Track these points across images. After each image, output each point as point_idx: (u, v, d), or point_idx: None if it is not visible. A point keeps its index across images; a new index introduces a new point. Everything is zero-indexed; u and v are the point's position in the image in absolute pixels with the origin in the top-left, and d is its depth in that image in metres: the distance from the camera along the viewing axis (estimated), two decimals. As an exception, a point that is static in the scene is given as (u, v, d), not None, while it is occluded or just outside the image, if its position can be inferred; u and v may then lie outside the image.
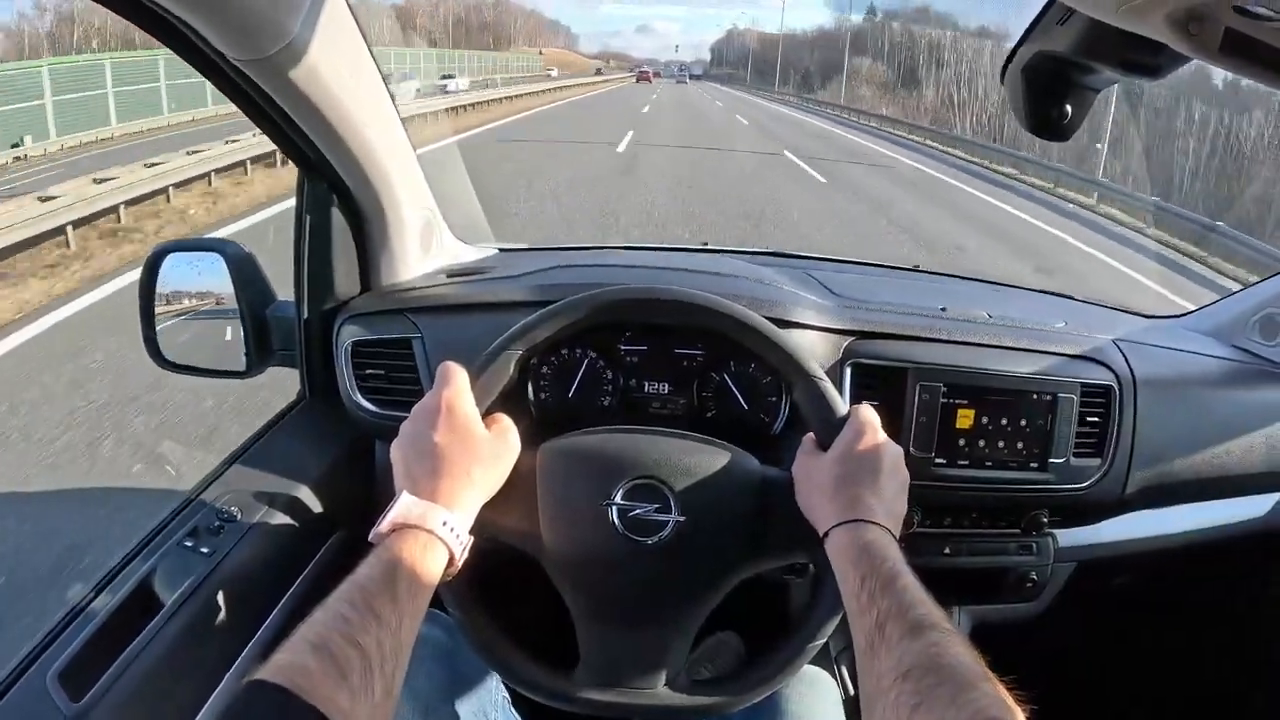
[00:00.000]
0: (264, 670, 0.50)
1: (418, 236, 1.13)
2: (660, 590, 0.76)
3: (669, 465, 0.75)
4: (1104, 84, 0.68)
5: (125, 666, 0.75)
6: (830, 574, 0.75)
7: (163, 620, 0.79)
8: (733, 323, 0.80)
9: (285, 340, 1.10)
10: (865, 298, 1.10)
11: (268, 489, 0.98)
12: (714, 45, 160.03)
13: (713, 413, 1.00)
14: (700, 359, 1.00)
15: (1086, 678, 1.40)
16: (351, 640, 0.53)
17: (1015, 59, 0.68)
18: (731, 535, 0.75)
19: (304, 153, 0.94)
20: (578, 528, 0.75)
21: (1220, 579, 1.31)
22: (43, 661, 0.74)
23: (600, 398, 1.01)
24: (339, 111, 0.86)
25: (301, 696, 0.48)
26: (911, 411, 0.98)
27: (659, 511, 0.74)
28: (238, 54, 0.75)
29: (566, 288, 0.96)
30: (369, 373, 1.03)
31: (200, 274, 1.10)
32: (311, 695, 0.48)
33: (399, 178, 1.03)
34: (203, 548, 0.88)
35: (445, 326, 1.03)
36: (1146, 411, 1.04)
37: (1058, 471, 1.01)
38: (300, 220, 1.04)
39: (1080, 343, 1.06)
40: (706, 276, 1.09)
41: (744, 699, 0.77)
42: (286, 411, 1.13)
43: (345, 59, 0.84)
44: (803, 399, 0.79)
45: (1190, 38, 0.42)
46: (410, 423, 0.71)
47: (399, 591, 0.59)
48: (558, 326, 0.79)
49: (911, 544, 1.04)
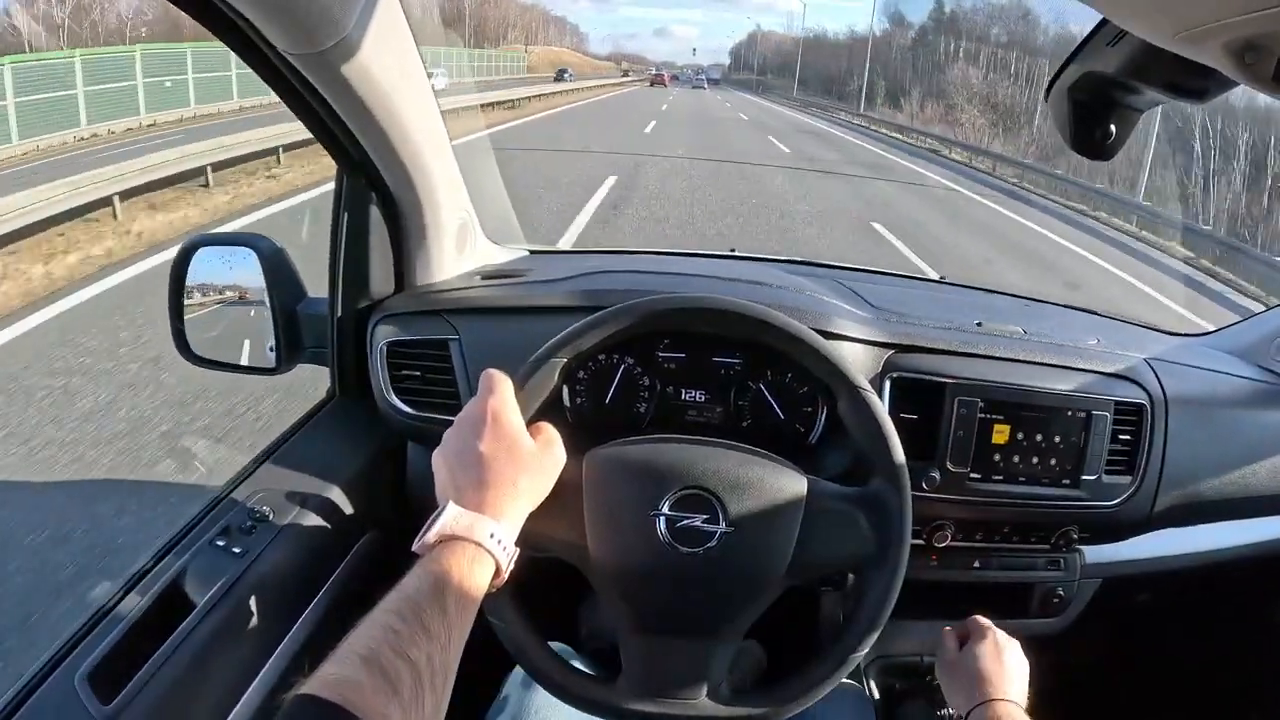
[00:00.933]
0: (313, 683, 0.49)
1: (454, 237, 1.12)
2: (705, 600, 0.75)
3: (717, 476, 0.75)
4: (1148, 105, 0.68)
5: (156, 668, 0.74)
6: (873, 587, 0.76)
7: (194, 621, 0.78)
8: (783, 334, 0.80)
9: (315, 338, 1.09)
10: (902, 310, 1.10)
11: (299, 489, 0.97)
12: (734, 48, 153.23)
13: (748, 422, 1.00)
14: (738, 368, 0.99)
15: (1110, 694, 1.40)
16: (401, 654, 0.52)
17: (1062, 78, 0.68)
18: (777, 547, 0.75)
19: (346, 150, 0.94)
20: (624, 537, 0.74)
21: (1245, 598, 1.31)
22: (70, 662, 0.73)
23: (637, 405, 1.00)
24: (387, 109, 0.86)
25: (352, 711, 0.47)
26: (949, 426, 0.98)
27: (707, 522, 0.73)
28: (292, 48, 0.74)
29: (604, 294, 0.96)
30: (404, 373, 1.03)
31: (232, 268, 1.09)
32: (362, 710, 0.47)
33: (440, 179, 1.02)
34: (235, 547, 0.87)
35: (483, 329, 1.02)
36: (1176, 430, 1.04)
37: (1089, 488, 1.01)
38: (338, 217, 1.03)
39: (1113, 360, 1.06)
40: (748, 286, 1.09)
41: (785, 709, 0.77)
42: (316, 410, 1.12)
43: (395, 57, 0.84)
44: (848, 412, 0.79)
45: (1245, 67, 0.42)
46: (455, 432, 0.70)
47: (448, 605, 0.58)
48: (604, 335, 0.79)
49: (943, 558, 1.06)
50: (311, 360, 1.11)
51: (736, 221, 8.77)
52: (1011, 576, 1.10)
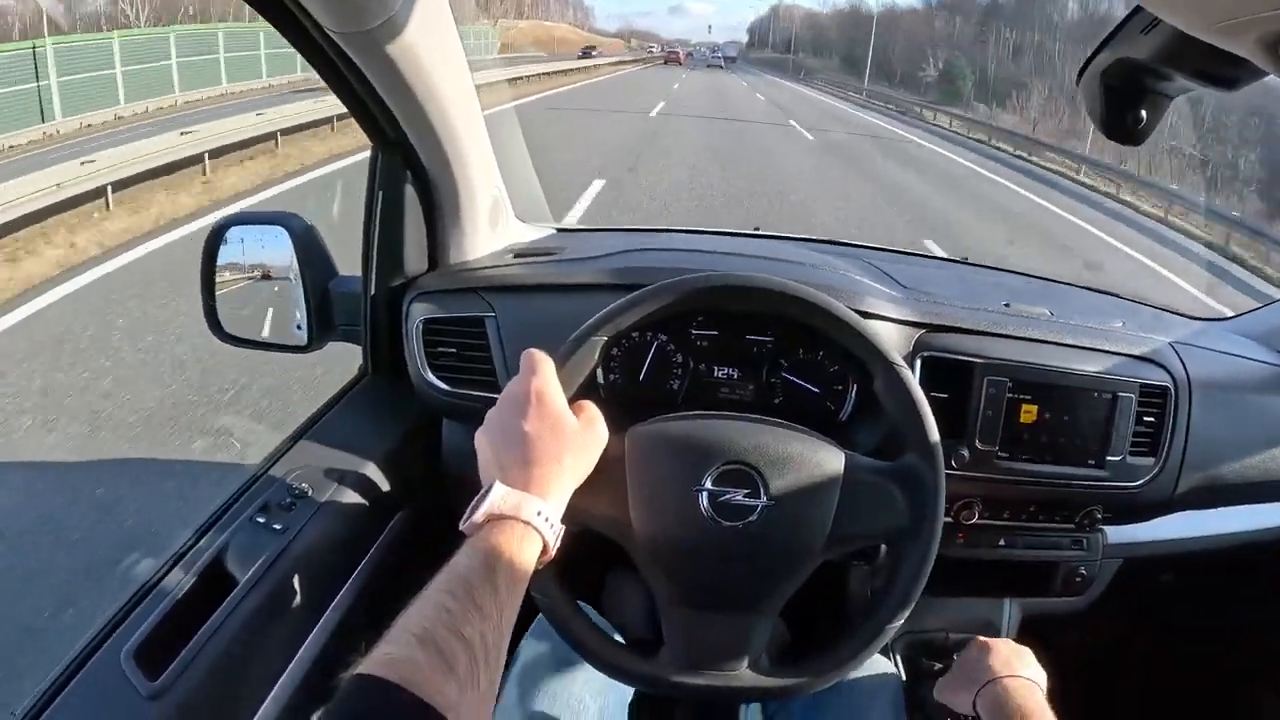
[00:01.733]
0: (370, 663, 0.49)
1: (487, 215, 1.12)
2: (745, 574, 0.77)
3: (758, 451, 0.76)
4: (1179, 91, 0.68)
5: (201, 644, 0.74)
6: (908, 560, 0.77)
7: (238, 597, 0.79)
8: (824, 313, 0.81)
9: (347, 315, 1.10)
10: (931, 290, 1.10)
11: (335, 465, 0.98)
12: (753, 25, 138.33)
13: (780, 399, 1.01)
14: (770, 345, 1.00)
15: (1130, 672, 1.42)
16: (456, 632, 0.53)
17: (1094, 64, 0.69)
18: (818, 520, 0.76)
19: (383, 128, 0.94)
20: (667, 512, 0.75)
21: (1265, 582, 1.32)
22: (116, 639, 0.74)
23: (670, 382, 1.01)
24: (427, 88, 0.86)
25: (410, 690, 0.48)
26: (978, 405, 0.99)
27: (748, 496, 0.75)
28: (339, 26, 0.74)
29: (640, 271, 0.97)
30: (439, 350, 1.03)
31: (264, 247, 1.10)
32: (420, 688, 0.48)
33: (474, 156, 1.02)
34: (275, 524, 0.88)
35: (519, 307, 1.02)
36: (1199, 413, 1.05)
37: (1114, 469, 1.02)
38: (372, 195, 1.03)
39: (1139, 343, 1.07)
40: (782, 264, 1.09)
41: (821, 680, 0.78)
42: (349, 388, 1.13)
43: (438, 37, 0.84)
44: (884, 388, 0.80)
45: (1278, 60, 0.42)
46: (498, 411, 0.71)
47: (498, 583, 0.59)
48: (644, 313, 0.80)
49: (970, 536, 1.07)
50: (344, 338, 1.12)
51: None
52: (1036, 555, 1.11)
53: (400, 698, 0.47)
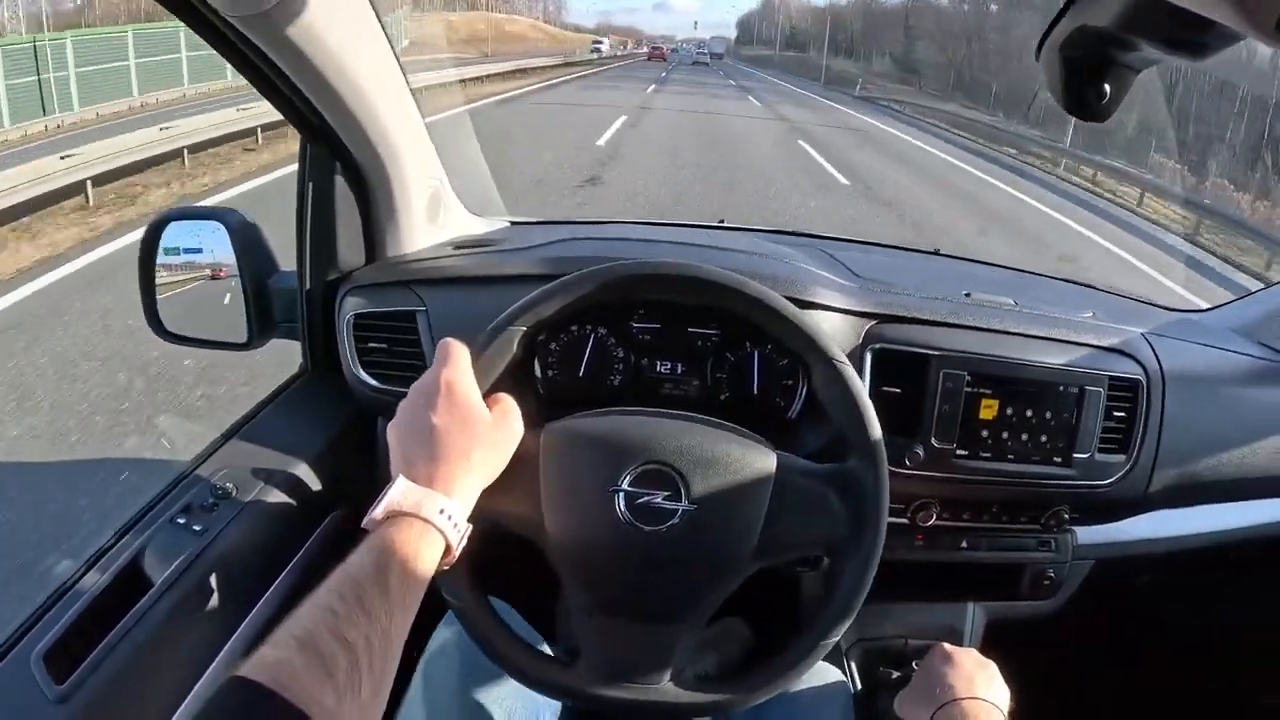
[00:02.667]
0: (247, 666, 0.48)
1: (425, 207, 1.09)
2: (667, 582, 0.73)
3: (680, 450, 0.72)
4: (1145, 64, 0.64)
5: (111, 647, 0.73)
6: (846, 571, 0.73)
7: (151, 600, 0.77)
8: (748, 300, 0.76)
9: (287, 312, 1.07)
10: (888, 280, 1.06)
11: (265, 465, 0.95)
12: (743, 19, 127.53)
13: (726, 395, 0.97)
14: (715, 339, 0.96)
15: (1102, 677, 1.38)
16: (338, 635, 0.50)
17: (1053, 35, 0.65)
18: (744, 527, 0.72)
19: (306, 117, 0.91)
20: (581, 514, 0.71)
21: (1242, 581, 1.27)
22: (27, 641, 0.72)
23: (610, 377, 0.98)
24: (340, 72, 0.83)
25: (284, 695, 0.46)
26: (934, 400, 0.95)
27: (669, 499, 0.70)
28: (232, 10, 0.71)
29: (576, 261, 0.93)
30: (371, 346, 1.01)
31: (203, 242, 1.08)
32: (294, 693, 0.46)
33: (405, 144, 0.99)
34: (195, 525, 0.85)
35: (451, 300, 0.99)
36: (1173, 408, 1.01)
37: (1081, 467, 0.98)
38: (303, 187, 1.00)
39: (1109, 334, 1.02)
40: (722, 253, 1.05)
41: (752, 697, 0.74)
42: (287, 385, 1.11)
43: (346, 16, 0.81)
44: (822, 385, 0.76)
45: (1247, 14, 0.39)
46: (407, 403, 0.68)
47: (390, 583, 0.56)
48: (564, 302, 0.76)
49: (928, 538, 1.03)
50: (284, 335, 1.09)
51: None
52: (1000, 557, 1.07)
53: (272, 703, 0.45)
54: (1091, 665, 1.36)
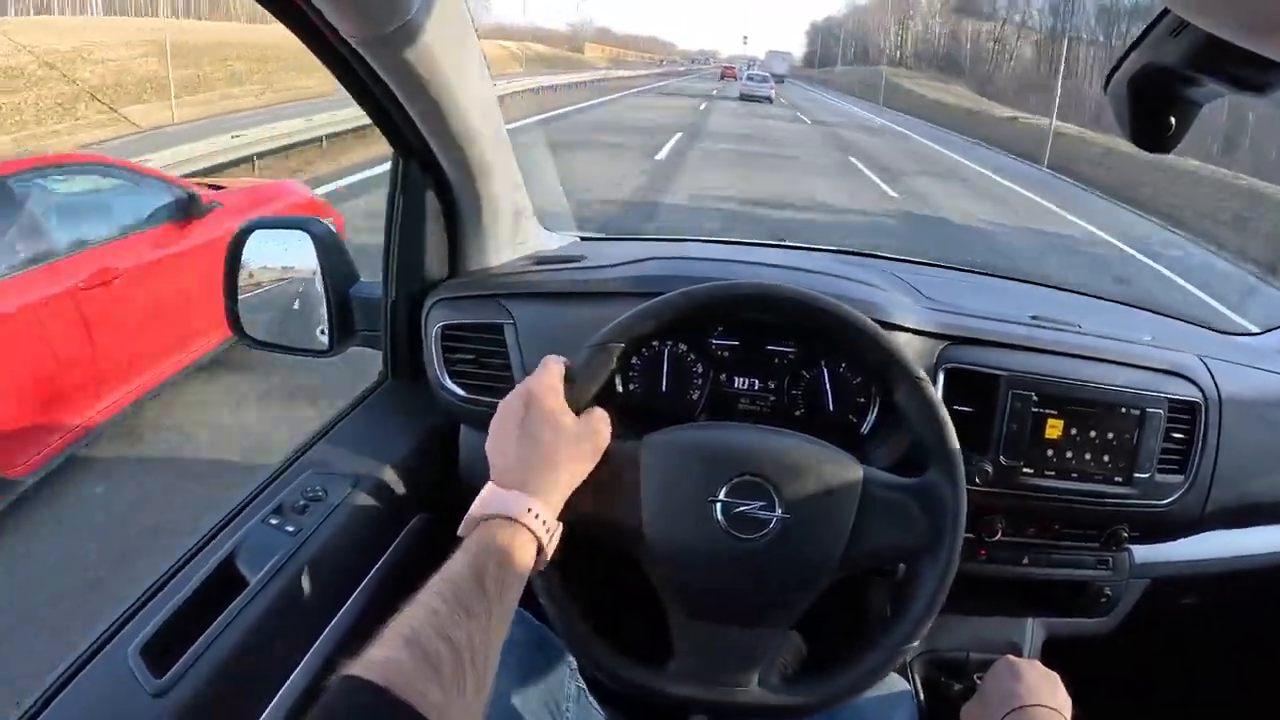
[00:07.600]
0: (357, 665, 0.50)
1: (509, 223, 1.12)
2: (759, 588, 0.76)
3: (775, 462, 0.75)
4: (1209, 98, 0.66)
5: (209, 643, 0.75)
6: (925, 578, 0.75)
7: (246, 598, 0.79)
8: (841, 323, 0.80)
9: (367, 320, 1.10)
10: (956, 301, 1.08)
11: (352, 469, 0.98)
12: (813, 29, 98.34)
13: (801, 411, 1.00)
14: (791, 356, 0.99)
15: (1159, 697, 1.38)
16: (442, 634, 0.53)
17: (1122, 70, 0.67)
18: (832, 535, 0.75)
19: (404, 135, 0.94)
20: (681, 522, 0.74)
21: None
22: (124, 635, 0.74)
23: (689, 392, 1.00)
24: (447, 95, 0.86)
25: (395, 692, 0.48)
26: (1002, 420, 0.97)
27: (763, 509, 0.74)
28: (354, 31, 0.74)
29: (662, 280, 0.96)
30: (458, 357, 1.03)
31: (286, 251, 1.11)
32: (405, 690, 0.48)
33: (496, 164, 1.02)
34: (288, 526, 0.88)
35: (538, 314, 1.02)
36: (1230, 430, 1.02)
37: (1141, 486, 1.00)
38: (393, 202, 1.03)
39: (1168, 358, 1.04)
40: (803, 274, 1.08)
41: (834, 701, 0.77)
42: (369, 392, 1.14)
43: (455, 42, 0.84)
44: (905, 401, 0.79)
45: None
46: (499, 412, 0.72)
47: (487, 584, 0.59)
48: (665, 320, 0.79)
49: (992, 553, 1.05)
50: (364, 343, 1.12)
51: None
52: (1059, 574, 1.09)
53: (384, 698, 0.48)
54: (1146, 683, 1.37)
